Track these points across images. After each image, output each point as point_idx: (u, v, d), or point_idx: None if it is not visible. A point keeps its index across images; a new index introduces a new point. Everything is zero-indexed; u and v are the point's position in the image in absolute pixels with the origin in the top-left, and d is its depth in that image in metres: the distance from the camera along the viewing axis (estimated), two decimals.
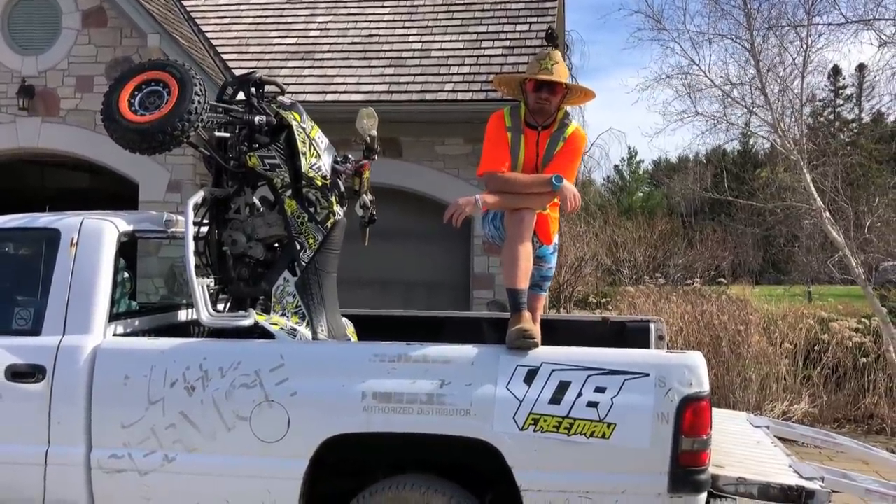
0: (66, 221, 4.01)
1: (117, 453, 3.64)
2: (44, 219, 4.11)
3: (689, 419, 3.27)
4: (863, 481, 3.94)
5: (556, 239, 4.25)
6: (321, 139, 4.27)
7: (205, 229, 4.29)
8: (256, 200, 4.33)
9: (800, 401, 8.96)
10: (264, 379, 3.53)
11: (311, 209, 4.15)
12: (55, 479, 3.70)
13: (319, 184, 4.16)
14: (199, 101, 3.78)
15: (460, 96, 9.37)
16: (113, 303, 3.93)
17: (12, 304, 4.01)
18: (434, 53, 10.09)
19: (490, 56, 9.93)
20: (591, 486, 3.32)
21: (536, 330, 3.59)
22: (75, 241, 3.92)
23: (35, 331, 3.85)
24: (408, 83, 9.67)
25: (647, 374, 3.33)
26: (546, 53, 3.99)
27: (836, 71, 38.58)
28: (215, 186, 4.29)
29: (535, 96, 3.93)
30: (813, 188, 9.30)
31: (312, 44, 10.52)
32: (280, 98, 4.31)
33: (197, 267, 3.98)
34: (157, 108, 3.82)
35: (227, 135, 4.18)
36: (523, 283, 3.75)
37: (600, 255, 18.10)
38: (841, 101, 42.01)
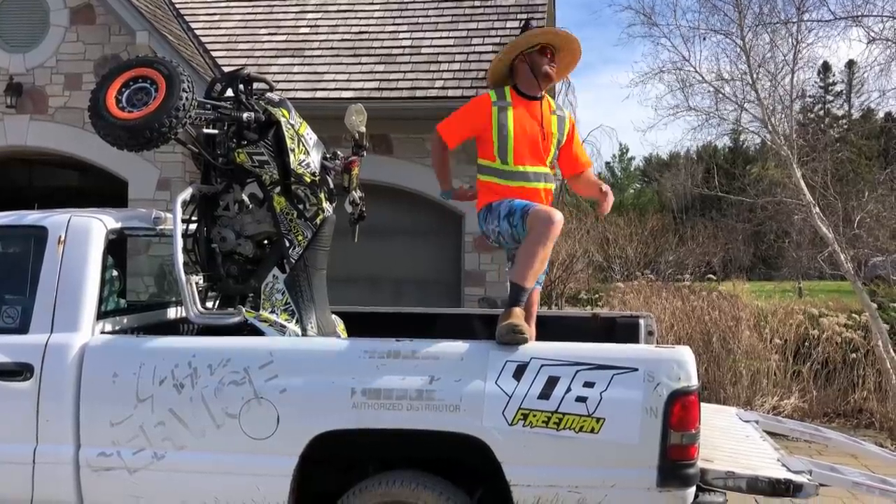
0: (54, 219, 3.99)
1: (106, 451, 3.63)
2: (31, 217, 4.10)
3: (678, 413, 3.29)
4: (850, 474, 3.95)
5: None
6: (310, 136, 4.26)
7: (193, 226, 4.28)
8: (245, 197, 4.32)
9: (790, 396, 9.00)
10: (253, 376, 3.53)
11: (301, 206, 4.15)
12: (43, 479, 3.69)
13: (308, 180, 4.15)
14: (186, 98, 3.77)
15: (451, 93, 9.35)
16: (101, 300, 3.91)
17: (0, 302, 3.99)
18: (424, 50, 10.07)
19: (480, 52, 9.91)
20: (581, 481, 3.33)
21: (527, 327, 3.59)
22: (63, 238, 3.90)
23: (22, 329, 3.83)
24: (398, 80, 9.65)
25: (636, 369, 3.34)
26: (536, 26, 4.23)
27: (826, 67, 38.82)
28: (204, 183, 4.28)
29: (546, 62, 4.09)
30: (803, 184, 9.32)
31: (302, 41, 10.49)
32: (268, 95, 4.30)
33: (186, 264, 3.97)
34: (144, 105, 3.80)
35: (216, 131, 4.17)
36: (531, 283, 3.76)
37: (592, 252, 18.12)
38: (831, 98, 42.25)
